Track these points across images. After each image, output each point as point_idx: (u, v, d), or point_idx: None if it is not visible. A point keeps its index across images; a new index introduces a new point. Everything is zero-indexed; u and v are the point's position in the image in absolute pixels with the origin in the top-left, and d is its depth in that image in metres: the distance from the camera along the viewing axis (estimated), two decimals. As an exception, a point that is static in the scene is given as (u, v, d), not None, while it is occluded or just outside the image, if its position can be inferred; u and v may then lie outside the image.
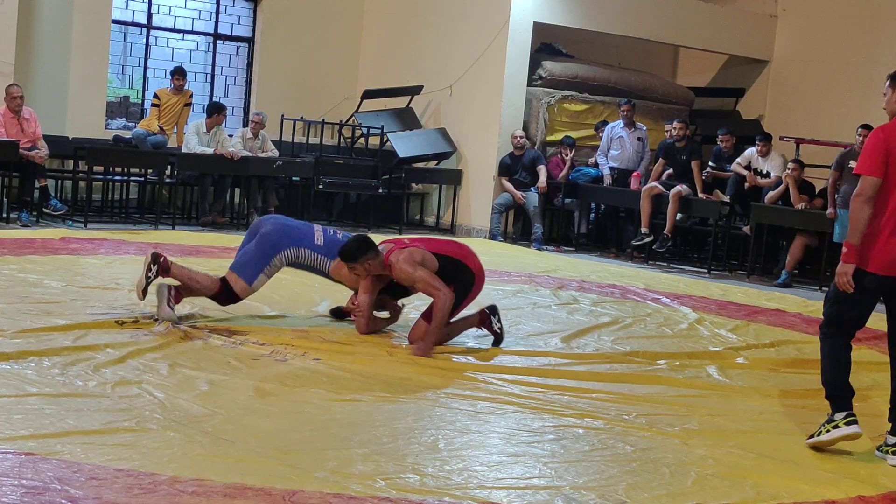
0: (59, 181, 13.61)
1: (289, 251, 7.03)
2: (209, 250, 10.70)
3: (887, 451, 5.26)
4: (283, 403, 5.30)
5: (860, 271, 5.25)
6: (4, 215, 12.06)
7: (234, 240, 11.63)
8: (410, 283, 6.88)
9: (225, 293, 7.02)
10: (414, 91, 15.44)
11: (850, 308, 5.35)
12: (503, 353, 6.95)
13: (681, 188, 13.09)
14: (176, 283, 6.95)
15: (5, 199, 12.27)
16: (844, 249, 5.27)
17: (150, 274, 6.83)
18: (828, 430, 5.28)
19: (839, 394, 5.34)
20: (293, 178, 14.62)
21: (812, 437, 5.36)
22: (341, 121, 15.52)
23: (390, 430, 4.98)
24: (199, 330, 6.73)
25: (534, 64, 15.03)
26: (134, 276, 8.09)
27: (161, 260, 6.86)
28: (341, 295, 7.69)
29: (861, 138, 11.40)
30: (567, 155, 14.53)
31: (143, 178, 13.74)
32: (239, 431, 4.74)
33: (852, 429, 5.23)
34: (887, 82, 5.52)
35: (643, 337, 8.03)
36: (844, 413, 5.28)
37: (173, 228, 12.57)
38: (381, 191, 14.63)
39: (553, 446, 4.97)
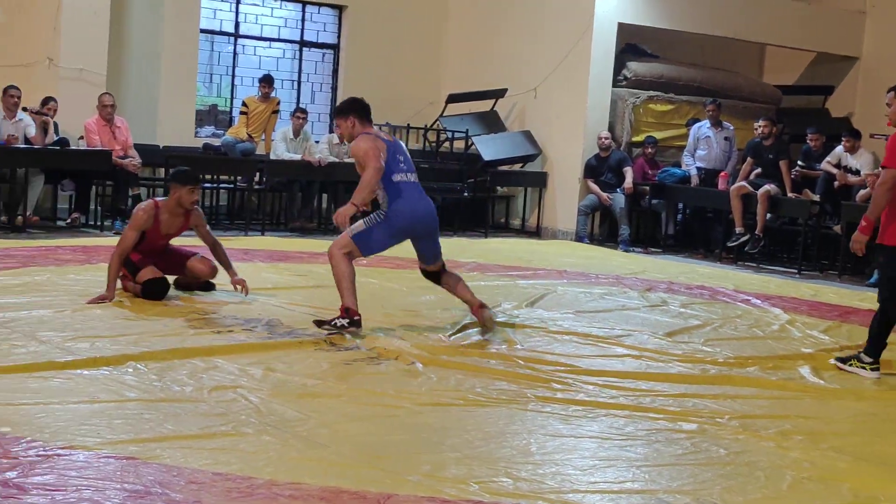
0: (151, 189, 13.84)
1: None
2: (298, 255, 10.83)
3: (855, 364, 6.91)
4: (376, 408, 5.34)
5: None
6: (98, 223, 12.30)
7: (323, 244, 11.75)
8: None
9: None
10: (498, 94, 15.46)
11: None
12: (593, 356, 6.93)
13: (769, 188, 12.95)
14: None
15: (99, 208, 12.52)
16: (863, 223, 6.75)
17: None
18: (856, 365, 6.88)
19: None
20: (380, 183, 14.68)
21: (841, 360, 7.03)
22: (426, 125, 15.59)
23: (482, 434, 4.99)
24: (294, 335, 6.82)
25: (618, 65, 14.97)
26: (225, 281, 8.23)
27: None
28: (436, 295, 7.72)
29: None
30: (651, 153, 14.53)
31: (232, 185, 13.94)
32: (333, 435, 4.79)
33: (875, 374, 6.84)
34: (890, 94, 6.17)
35: (734, 339, 7.96)
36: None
37: (262, 234, 12.73)
38: (466, 194, 14.67)
39: (646, 450, 4.95)
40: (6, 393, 5.05)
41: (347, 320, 6.91)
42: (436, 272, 7.52)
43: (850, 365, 6.99)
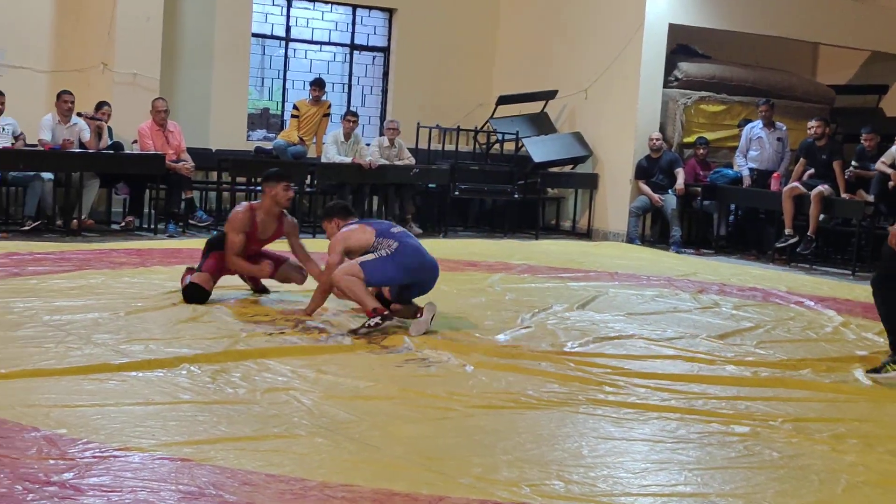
0: (204, 192, 13.97)
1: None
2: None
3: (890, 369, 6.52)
4: (428, 410, 5.35)
5: None
6: (152, 226, 12.43)
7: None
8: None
9: None
10: (548, 96, 15.45)
11: None
12: (644, 358, 6.91)
13: (822, 188, 12.83)
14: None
15: (153, 211, 12.64)
16: None
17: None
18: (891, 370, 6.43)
19: None
20: (429, 186, 14.75)
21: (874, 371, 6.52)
22: (476, 127, 15.61)
23: (534, 436, 5.00)
24: (344, 337, 6.86)
25: (669, 65, 14.91)
26: (279, 284, 8.28)
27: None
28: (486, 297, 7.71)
29: None
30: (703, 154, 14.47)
31: (283, 188, 13.99)
32: (385, 437, 4.81)
33: None
34: None
35: (787, 341, 7.90)
36: None
37: (314, 237, 12.78)
38: (516, 196, 14.66)
39: (698, 453, 4.93)
40: (63, 395, 5.12)
41: (378, 318, 6.99)
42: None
43: (886, 371, 6.74)
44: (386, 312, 7.08)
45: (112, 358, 5.86)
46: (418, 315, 7.18)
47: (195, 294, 7.73)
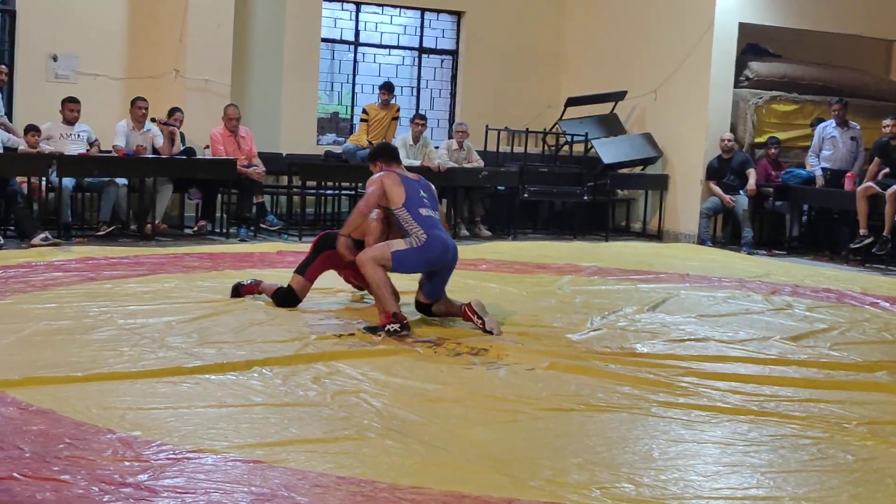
0: (274, 196, 14.08)
1: None
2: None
3: None
4: (497, 413, 5.36)
5: None
6: (224, 231, 12.56)
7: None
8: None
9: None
10: (618, 97, 15.38)
11: None
12: (715, 360, 6.85)
13: (898, 188, 12.64)
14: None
15: (225, 216, 12.77)
16: None
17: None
18: None
19: None
20: (498, 188, 14.75)
21: None
22: (545, 129, 15.58)
23: (604, 439, 4.98)
24: (413, 340, 6.89)
25: (740, 65, 14.78)
26: (347, 286, 8.33)
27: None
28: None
29: None
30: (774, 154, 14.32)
31: (353, 192, 14.08)
32: (454, 440, 4.82)
33: None
34: None
35: (862, 343, 7.79)
36: None
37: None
38: (586, 198, 14.61)
39: (770, 456, 4.88)
40: (137, 397, 5.20)
41: (398, 325, 7.00)
42: (428, 305, 7.59)
43: None
44: (405, 321, 7.07)
45: (185, 361, 5.94)
46: (468, 311, 7.30)
47: (288, 299, 7.79)
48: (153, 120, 12.43)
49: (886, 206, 12.61)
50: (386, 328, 6.98)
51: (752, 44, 15.41)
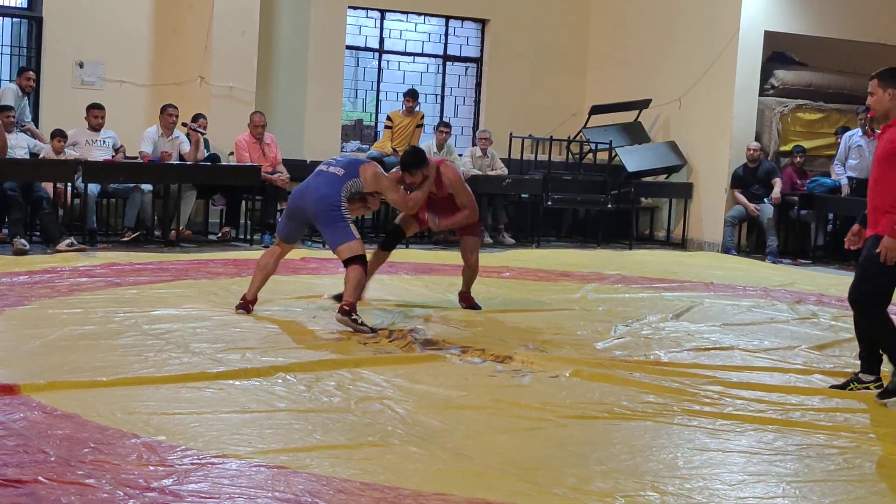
0: (298, 203, 14.08)
1: (339, 196, 7.60)
2: (441, 268, 10.91)
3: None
4: (521, 420, 5.35)
5: None
6: (248, 237, 12.59)
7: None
8: (454, 190, 8.09)
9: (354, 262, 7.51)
10: (642, 105, 15.35)
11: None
12: (740, 369, 6.83)
13: (924, 197, 12.55)
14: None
15: (249, 222, 12.80)
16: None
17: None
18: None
19: None
20: (522, 196, 14.74)
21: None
22: (569, 137, 15.55)
23: (628, 447, 4.96)
24: (438, 346, 6.88)
25: (765, 73, 14.73)
26: (371, 293, 8.35)
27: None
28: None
29: None
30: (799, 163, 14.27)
31: (377, 199, 14.08)
32: (478, 447, 4.81)
33: None
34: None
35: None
36: None
37: (406, 247, 12.81)
38: (609, 206, 14.58)
39: (796, 465, 4.85)
40: (162, 403, 5.21)
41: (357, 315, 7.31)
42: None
43: (851, 389, 6.25)
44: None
45: (209, 367, 5.96)
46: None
47: (396, 234, 8.47)
48: (184, 125, 12.47)
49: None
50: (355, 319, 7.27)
51: (778, 52, 15.35)
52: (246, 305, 7.70)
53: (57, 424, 4.73)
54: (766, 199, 14.04)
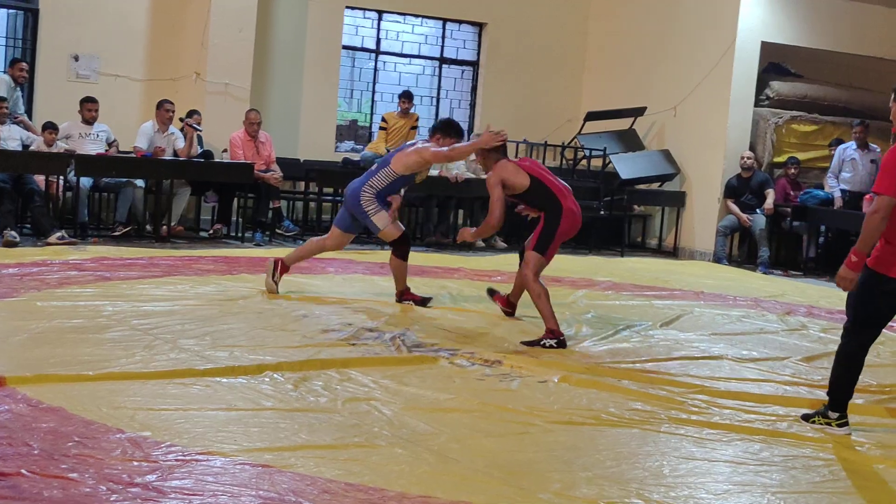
0: (291, 202, 14.09)
1: (364, 190, 8.35)
2: (433, 270, 10.90)
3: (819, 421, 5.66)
4: (508, 424, 5.34)
5: (883, 277, 5.88)
6: (240, 235, 12.57)
7: (459, 260, 11.84)
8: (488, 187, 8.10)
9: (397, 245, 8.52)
10: (637, 112, 15.36)
11: (870, 310, 6.02)
12: (729, 379, 6.82)
13: (917, 211, 12.57)
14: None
15: (241, 220, 12.79)
16: (853, 258, 5.99)
17: (275, 278, 8.46)
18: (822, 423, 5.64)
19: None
20: (516, 200, 14.70)
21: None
22: (564, 143, 15.56)
23: (614, 454, 4.96)
24: (427, 349, 6.87)
25: (761, 84, 14.74)
26: (363, 294, 8.34)
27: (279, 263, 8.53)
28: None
29: None
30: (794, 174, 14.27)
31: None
32: (464, 450, 4.81)
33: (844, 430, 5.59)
34: (893, 95, 5.63)
35: (877, 366, 7.72)
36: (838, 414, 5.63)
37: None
38: (602, 212, 14.58)
39: (782, 476, 4.85)
40: (148, 398, 5.20)
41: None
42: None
43: (814, 422, 5.74)
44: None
45: (197, 363, 5.94)
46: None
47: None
48: (180, 120, 12.45)
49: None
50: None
51: (774, 63, 15.38)
52: None
53: (42, 417, 4.71)
54: (758, 210, 14.05)
